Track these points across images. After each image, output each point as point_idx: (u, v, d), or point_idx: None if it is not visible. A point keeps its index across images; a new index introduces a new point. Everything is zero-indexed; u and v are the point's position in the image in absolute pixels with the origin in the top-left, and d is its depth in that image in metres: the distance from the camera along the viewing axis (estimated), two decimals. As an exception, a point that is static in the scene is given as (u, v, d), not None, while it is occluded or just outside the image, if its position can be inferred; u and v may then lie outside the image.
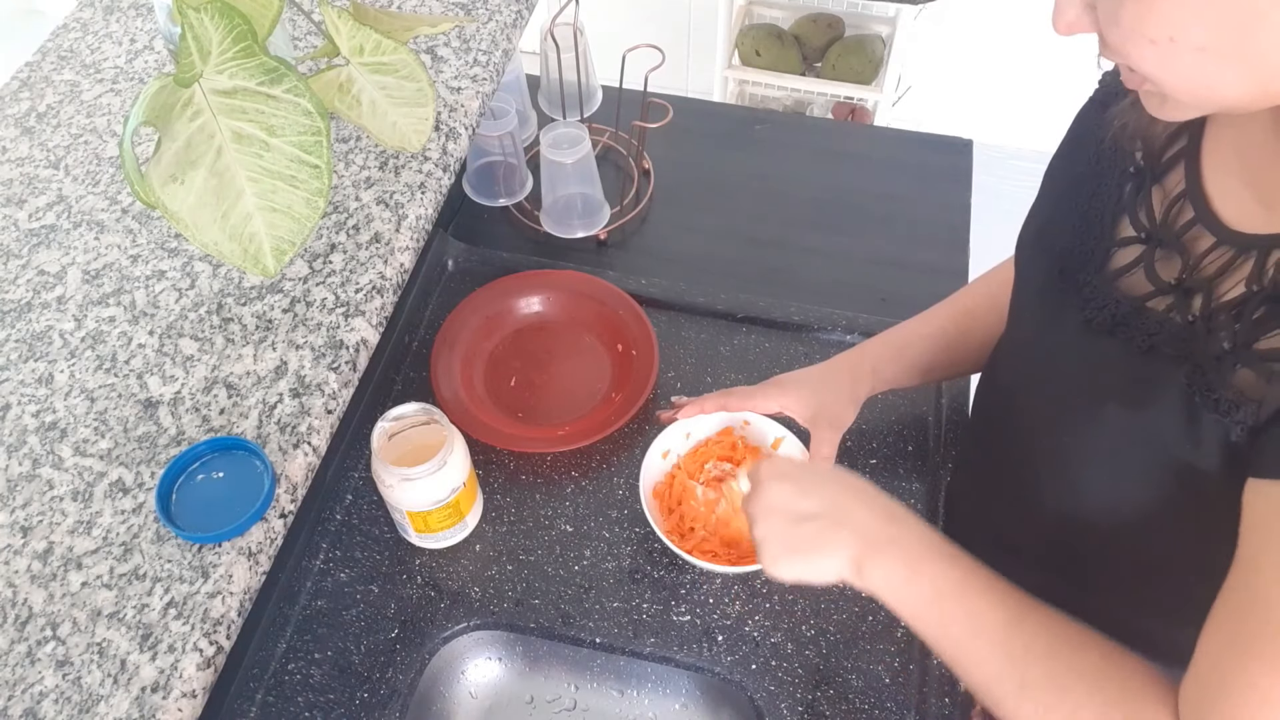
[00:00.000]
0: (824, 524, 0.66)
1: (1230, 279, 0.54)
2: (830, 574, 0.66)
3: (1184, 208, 0.58)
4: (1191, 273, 0.56)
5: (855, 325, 1.04)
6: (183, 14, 0.59)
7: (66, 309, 0.81)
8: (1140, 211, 0.61)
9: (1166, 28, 0.44)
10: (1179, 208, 0.58)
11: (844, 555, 0.65)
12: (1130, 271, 0.60)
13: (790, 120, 1.53)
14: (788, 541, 0.67)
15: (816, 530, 0.66)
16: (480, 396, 0.99)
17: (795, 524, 0.67)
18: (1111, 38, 0.48)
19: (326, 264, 0.84)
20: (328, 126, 0.65)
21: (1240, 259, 0.53)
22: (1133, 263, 0.60)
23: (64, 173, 0.90)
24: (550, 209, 1.11)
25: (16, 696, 0.63)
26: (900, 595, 0.64)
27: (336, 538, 0.90)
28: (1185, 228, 0.57)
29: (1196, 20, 0.44)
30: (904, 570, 0.64)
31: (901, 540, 0.65)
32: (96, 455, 0.73)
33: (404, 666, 0.83)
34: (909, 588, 0.64)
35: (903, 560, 0.64)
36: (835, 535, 0.66)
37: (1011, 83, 2.29)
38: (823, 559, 0.66)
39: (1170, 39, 0.45)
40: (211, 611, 0.66)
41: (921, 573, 0.63)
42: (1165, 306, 0.57)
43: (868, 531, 0.66)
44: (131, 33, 1.03)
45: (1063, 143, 0.70)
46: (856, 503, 0.68)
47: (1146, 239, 0.60)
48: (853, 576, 0.65)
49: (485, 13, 1.03)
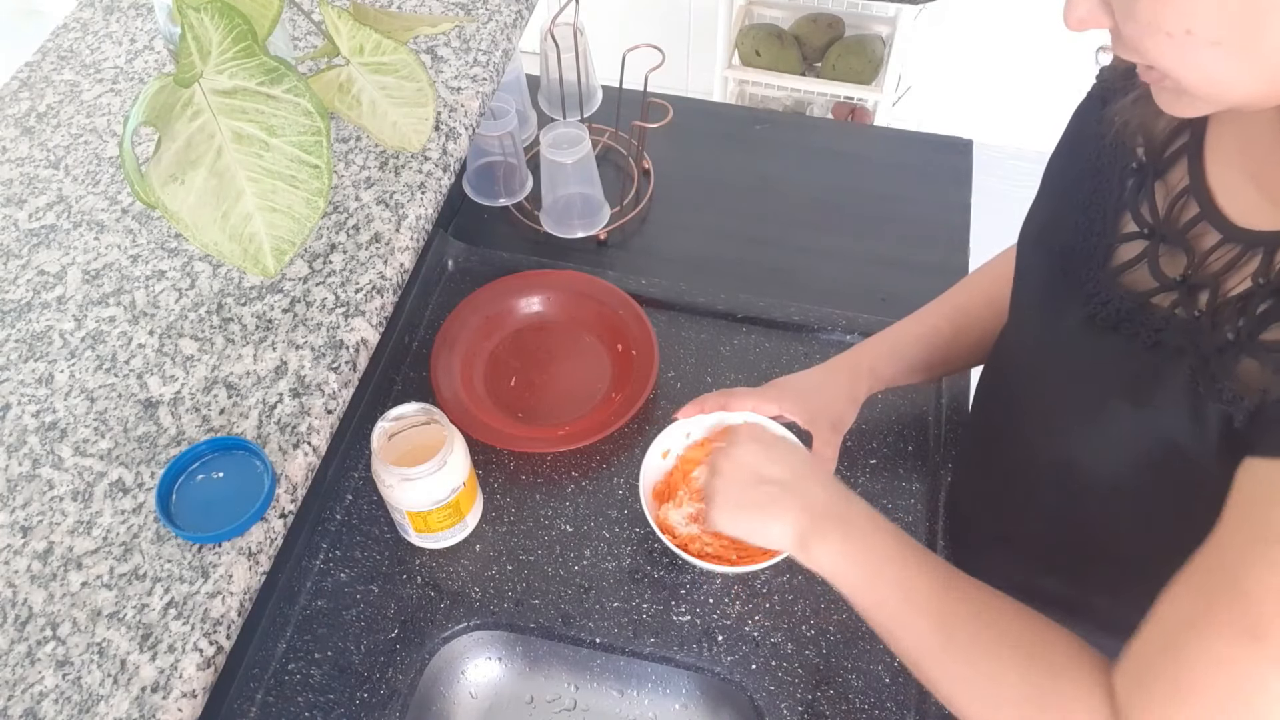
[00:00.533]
0: (779, 490, 0.70)
1: (1236, 275, 0.54)
2: (774, 541, 0.70)
3: (1188, 203, 0.58)
4: (1196, 269, 0.56)
5: (855, 325, 1.04)
6: (183, 14, 0.59)
7: (66, 309, 0.81)
8: (1143, 207, 0.61)
9: (1183, 20, 0.44)
10: (1182, 203, 0.58)
11: (789, 523, 0.69)
12: (1133, 268, 0.60)
13: (790, 120, 1.53)
14: (741, 497, 0.71)
15: (771, 494, 0.70)
16: (480, 396, 0.99)
17: (753, 484, 0.71)
18: (1128, 31, 0.48)
19: (326, 264, 0.84)
20: (328, 126, 0.65)
21: (1247, 255, 0.53)
22: (1136, 259, 0.60)
23: (64, 173, 0.90)
24: (550, 209, 1.11)
25: (16, 696, 0.63)
26: (840, 568, 0.67)
27: (336, 538, 0.90)
28: (1189, 224, 0.57)
29: (1212, 13, 0.44)
30: (845, 544, 0.67)
31: (847, 517, 0.68)
32: (96, 455, 0.73)
33: (404, 666, 0.83)
34: (848, 562, 0.66)
35: (844, 534, 0.67)
36: (787, 503, 0.70)
37: (1011, 83, 2.29)
38: (769, 522, 0.70)
39: (1187, 31, 0.45)
40: (211, 611, 0.66)
41: (859, 546, 0.66)
42: (1170, 303, 0.57)
43: (816, 506, 0.69)
44: (131, 33, 1.03)
45: (1061, 140, 0.70)
46: (814, 480, 0.72)
47: (1149, 235, 0.60)
48: (797, 549, 0.69)
49: (485, 13, 1.03)
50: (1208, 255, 0.55)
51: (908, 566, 0.65)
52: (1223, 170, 0.56)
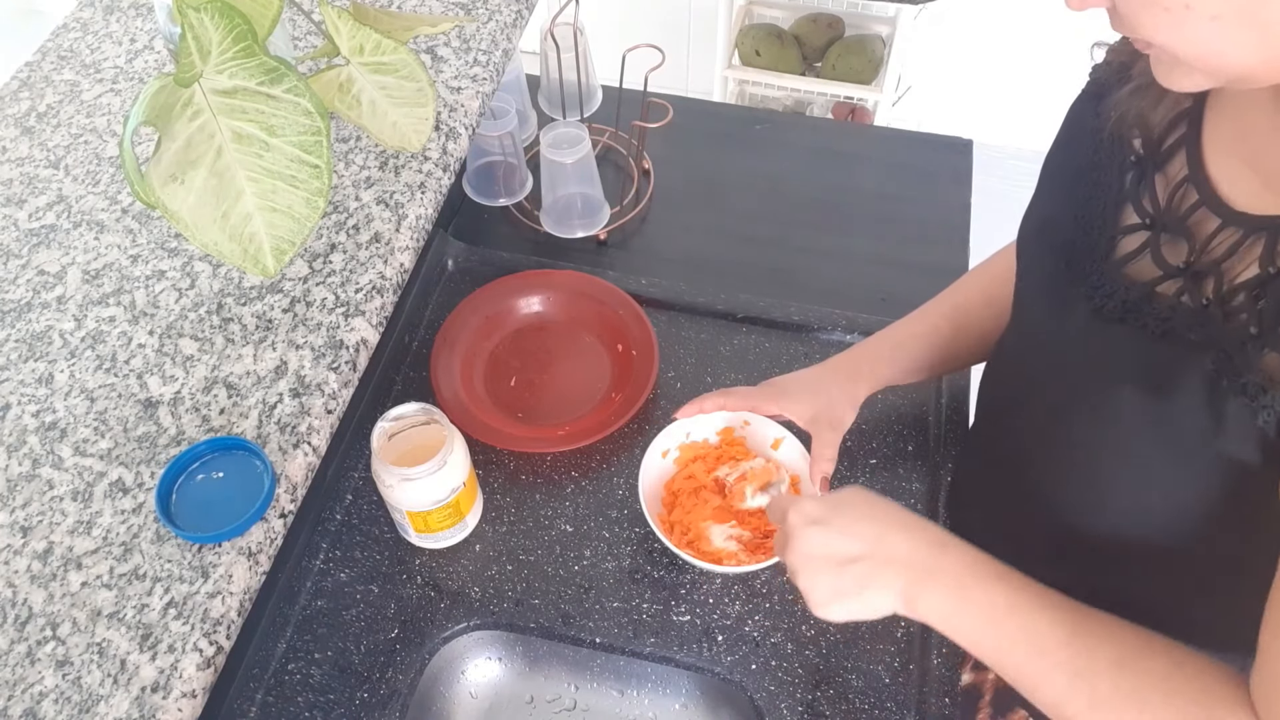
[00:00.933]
0: (869, 565, 0.65)
1: (1240, 261, 0.54)
2: (882, 610, 0.65)
3: (1187, 192, 0.58)
4: (1199, 256, 0.56)
5: (855, 325, 1.04)
6: (183, 14, 0.59)
7: (66, 309, 0.81)
8: (1144, 199, 0.61)
9: None
10: (1182, 192, 0.58)
11: (893, 591, 0.64)
12: (1136, 258, 0.60)
13: (790, 120, 1.53)
14: (836, 588, 0.66)
15: (862, 572, 0.65)
16: (480, 396, 0.99)
17: (839, 568, 0.65)
18: (1125, 8, 0.48)
19: (326, 264, 0.84)
20: (328, 126, 0.65)
21: (1250, 240, 0.53)
22: (1138, 249, 0.60)
23: (64, 173, 0.90)
24: (550, 209, 1.11)
25: (16, 696, 0.63)
26: (953, 623, 0.63)
27: (336, 538, 0.90)
28: (1190, 211, 0.57)
29: None
30: (954, 597, 0.62)
31: (948, 568, 0.64)
32: (96, 455, 0.73)
33: (404, 666, 0.83)
34: (961, 614, 0.62)
35: (952, 587, 0.63)
36: (882, 573, 0.64)
37: (1011, 83, 2.29)
38: (872, 598, 0.65)
39: (1186, 6, 0.45)
40: (211, 611, 0.66)
41: (971, 598, 0.62)
42: (1175, 291, 0.57)
43: (913, 563, 0.64)
44: (131, 33, 1.03)
45: (1057, 137, 0.70)
46: (897, 535, 0.66)
47: (1151, 225, 0.60)
48: (904, 609, 0.64)
49: (485, 13, 1.03)
50: (1209, 241, 0.56)
51: (1028, 614, 0.60)
52: (1221, 159, 0.57)
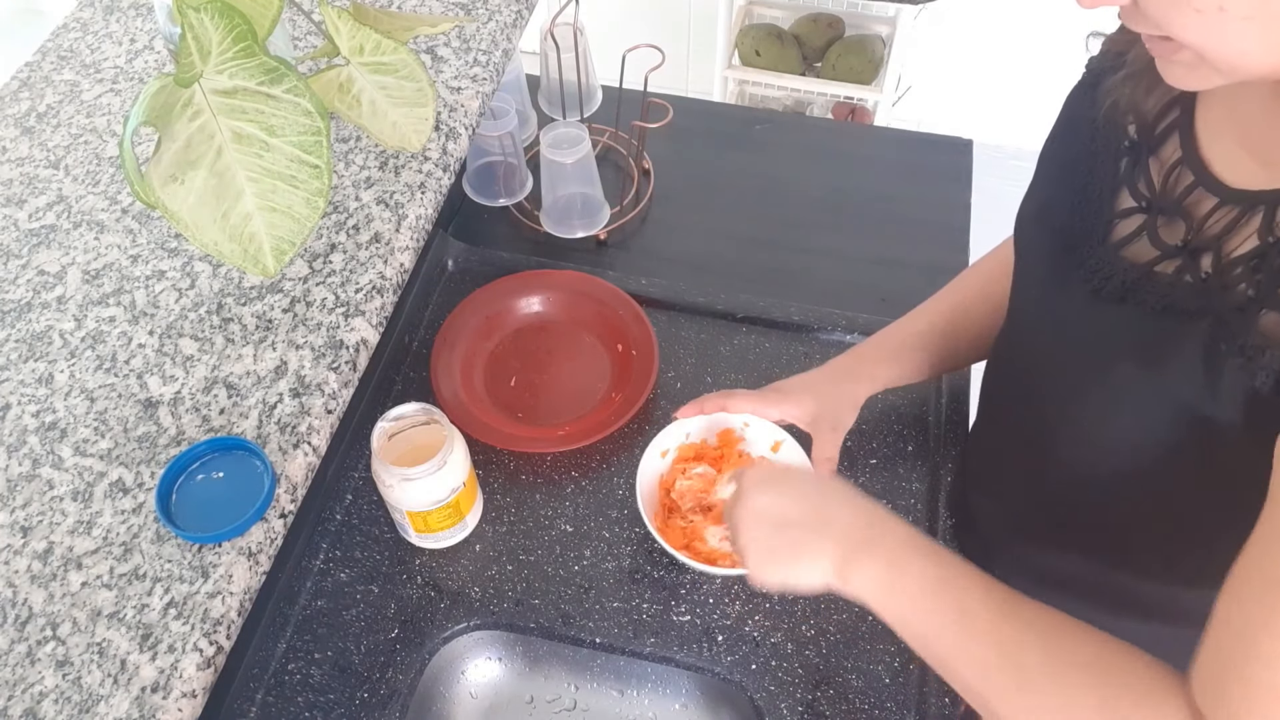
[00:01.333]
0: (805, 530, 0.67)
1: (1237, 236, 0.54)
2: (814, 579, 0.66)
3: (1182, 174, 0.58)
4: (1196, 234, 0.56)
5: (855, 325, 1.04)
6: (183, 14, 0.59)
7: (66, 309, 0.81)
8: (1139, 183, 0.61)
9: None
10: (1177, 174, 0.59)
11: (826, 561, 0.65)
12: (1134, 240, 0.61)
13: (790, 120, 1.53)
14: (771, 548, 0.67)
15: (798, 536, 0.67)
16: (480, 396, 0.99)
17: (778, 530, 0.67)
18: (1152, 9, 0.47)
19: (326, 264, 0.84)
20: (328, 126, 0.65)
21: (1246, 216, 0.54)
22: (1135, 232, 0.61)
23: (64, 173, 0.90)
24: (550, 209, 1.11)
25: (16, 696, 0.63)
26: (884, 598, 0.63)
27: (336, 538, 0.90)
28: (1185, 192, 0.58)
29: None
30: (886, 572, 0.63)
31: (882, 541, 0.64)
32: (96, 455, 0.73)
33: (404, 666, 0.83)
34: (893, 589, 0.63)
35: (884, 561, 0.63)
36: (817, 541, 0.66)
37: (1011, 83, 2.29)
38: (806, 565, 0.66)
39: (1220, 8, 0.44)
40: (211, 611, 0.66)
41: (905, 573, 0.63)
42: (1173, 269, 0.57)
43: (848, 536, 0.65)
44: (131, 33, 1.03)
45: (1055, 126, 0.70)
46: (837, 507, 0.67)
47: (1147, 208, 0.60)
48: (837, 582, 0.65)
49: (485, 13, 1.03)
50: (1206, 219, 0.56)
51: (961, 591, 0.60)
52: (1214, 140, 0.57)
